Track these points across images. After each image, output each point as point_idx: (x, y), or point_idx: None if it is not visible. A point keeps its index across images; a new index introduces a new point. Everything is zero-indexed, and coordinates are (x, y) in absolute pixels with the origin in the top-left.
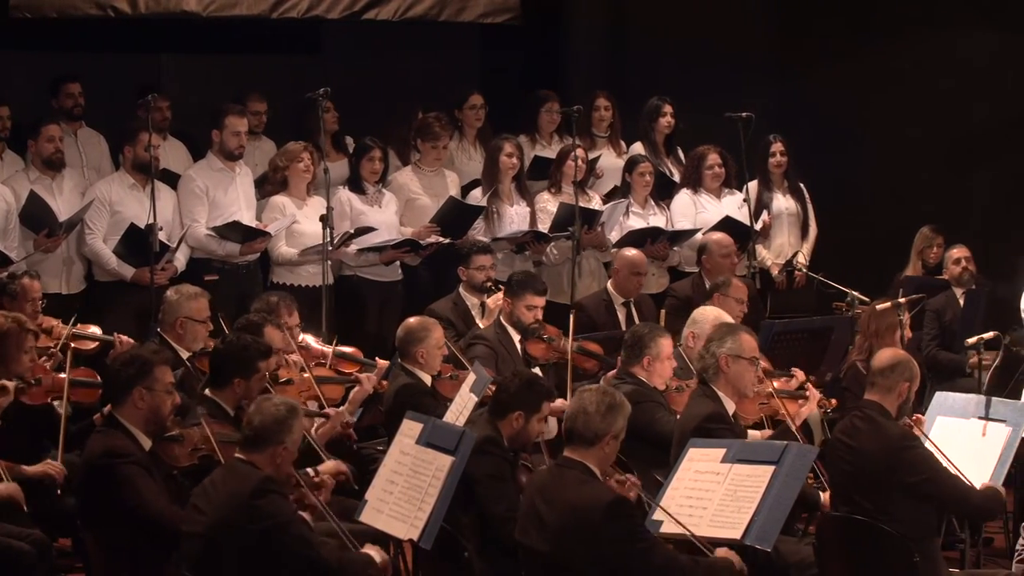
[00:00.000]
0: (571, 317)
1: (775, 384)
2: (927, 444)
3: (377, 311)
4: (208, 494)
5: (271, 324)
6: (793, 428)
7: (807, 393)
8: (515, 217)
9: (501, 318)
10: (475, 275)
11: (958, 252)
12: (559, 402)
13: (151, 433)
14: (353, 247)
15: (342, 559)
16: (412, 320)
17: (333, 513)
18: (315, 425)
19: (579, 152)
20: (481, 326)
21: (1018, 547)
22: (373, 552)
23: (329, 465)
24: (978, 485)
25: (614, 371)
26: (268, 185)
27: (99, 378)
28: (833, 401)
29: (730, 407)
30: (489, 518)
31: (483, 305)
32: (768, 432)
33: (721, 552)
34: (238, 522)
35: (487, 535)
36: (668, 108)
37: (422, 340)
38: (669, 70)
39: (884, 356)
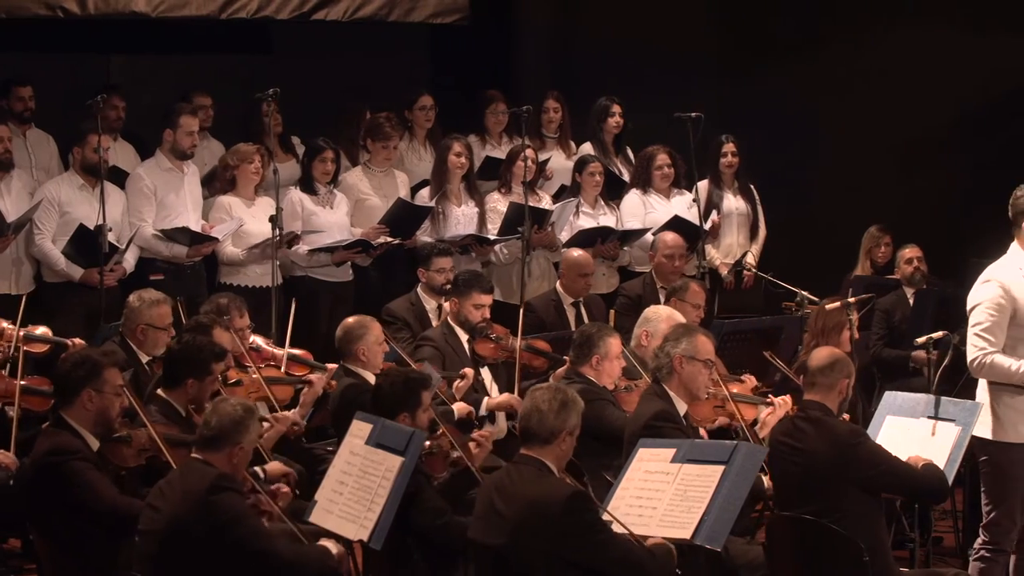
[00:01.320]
0: (520, 315)
1: (734, 389)
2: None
3: (329, 312)
4: (164, 493)
5: (219, 325)
6: (746, 431)
7: (768, 400)
8: (462, 218)
9: (448, 318)
10: (435, 277)
11: (910, 252)
12: (504, 397)
13: (99, 434)
14: (304, 248)
15: (298, 551)
16: (350, 319)
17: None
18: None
19: (529, 152)
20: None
21: (976, 546)
22: (329, 544)
23: (274, 465)
24: None
25: (563, 369)
26: (216, 184)
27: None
28: (796, 408)
29: (681, 407)
30: (423, 531)
31: (440, 307)
32: None
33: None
34: (194, 519)
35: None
36: (617, 108)
37: (361, 337)
38: (618, 70)
39: (821, 355)
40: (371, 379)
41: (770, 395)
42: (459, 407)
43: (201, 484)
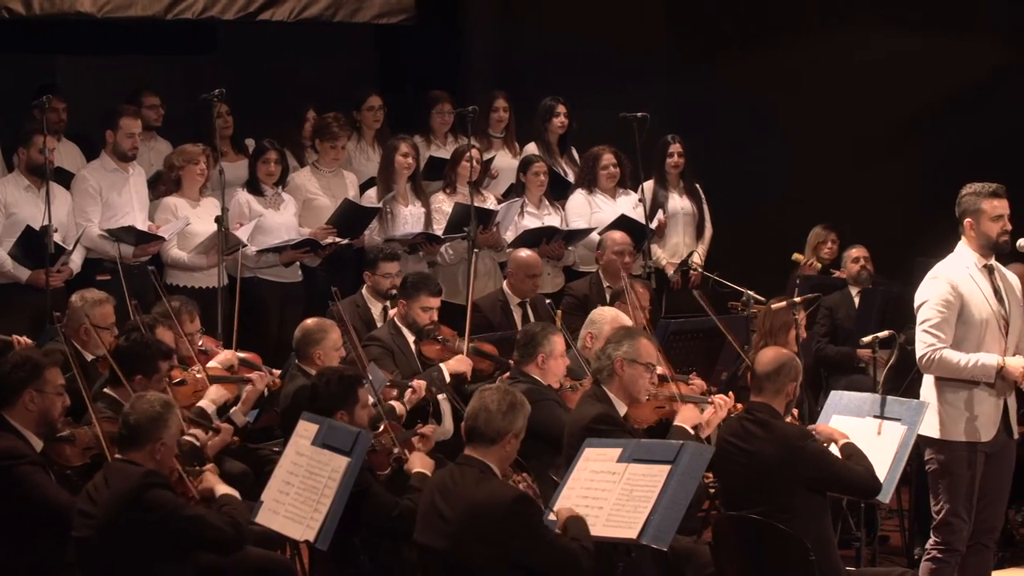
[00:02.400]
0: (467, 319)
1: (681, 389)
2: None
3: (278, 312)
4: (93, 498)
5: (162, 325)
6: (689, 430)
7: (710, 400)
8: (409, 218)
9: (396, 319)
10: (380, 281)
11: (857, 252)
12: (458, 360)
13: (42, 434)
14: (252, 248)
15: (240, 527)
16: (309, 321)
17: None
18: (207, 436)
19: (473, 153)
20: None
21: (928, 546)
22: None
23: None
24: None
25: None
26: (161, 185)
27: None
28: (739, 406)
29: (621, 409)
30: (379, 527)
31: (385, 310)
32: None
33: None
34: (129, 519)
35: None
36: (562, 108)
37: (319, 341)
38: (564, 70)
39: (767, 358)
40: None
41: (712, 395)
42: (397, 405)
43: (129, 484)
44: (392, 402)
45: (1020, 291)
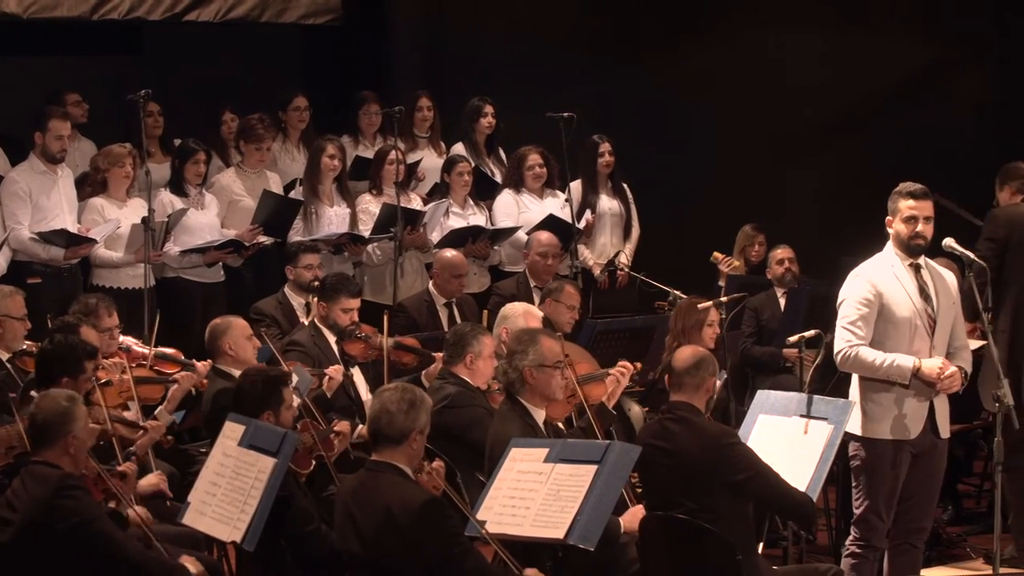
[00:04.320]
0: (385, 316)
1: (580, 371)
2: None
3: (201, 312)
4: (10, 503)
5: (87, 324)
6: (589, 412)
7: (610, 372)
8: (334, 218)
9: (316, 320)
10: (302, 274)
11: (782, 252)
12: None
13: None
14: (176, 249)
15: (148, 558)
16: (215, 320)
17: (155, 518)
18: (136, 436)
19: (396, 154)
20: (304, 324)
21: (847, 543)
22: (189, 564)
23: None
24: (802, 482)
25: (434, 367)
26: (88, 186)
27: None
28: (638, 364)
29: (539, 415)
30: (293, 536)
31: (308, 304)
32: None
33: (529, 572)
34: (44, 525)
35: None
36: (489, 109)
37: (225, 332)
38: (492, 70)
39: (685, 355)
40: None
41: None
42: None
43: (46, 489)
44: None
45: (955, 289)
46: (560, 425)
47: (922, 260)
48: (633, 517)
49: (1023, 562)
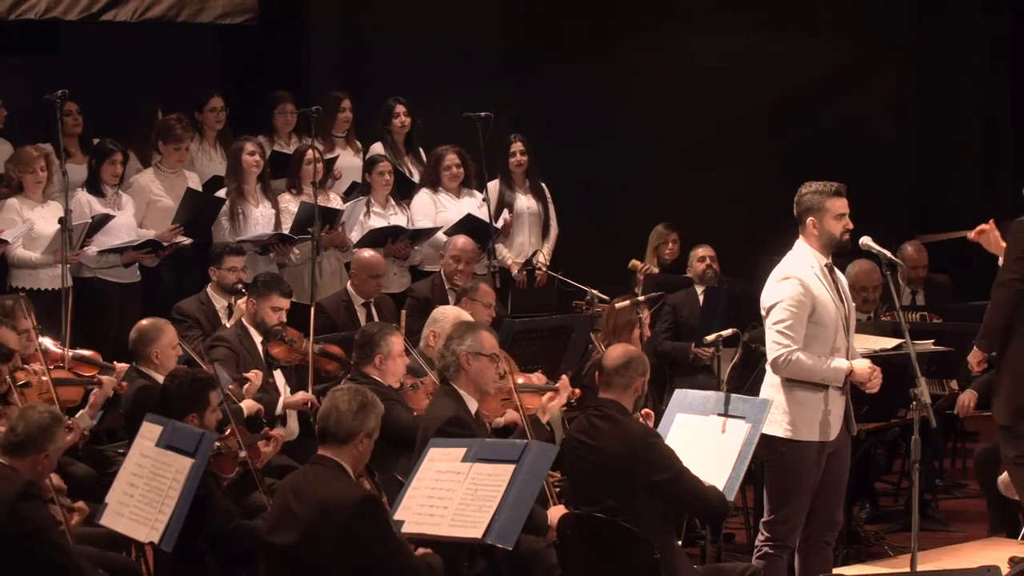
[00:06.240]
0: (311, 319)
1: (519, 379)
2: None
3: (117, 313)
4: None
5: (4, 326)
6: (526, 424)
7: (556, 385)
8: (260, 219)
9: (243, 319)
10: (226, 276)
11: (703, 251)
12: (300, 395)
13: None
14: (93, 249)
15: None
16: (144, 322)
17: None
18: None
19: (314, 154)
20: (228, 327)
21: (758, 543)
22: None
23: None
24: (719, 480)
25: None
26: (3, 187)
27: None
28: (577, 391)
29: (472, 405)
30: (213, 535)
31: (231, 306)
32: None
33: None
34: (1, 525)
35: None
36: (401, 108)
37: (155, 340)
38: (409, 69)
39: (615, 354)
40: (162, 381)
41: (563, 378)
42: (248, 404)
43: (9, 490)
44: (243, 404)
45: (847, 291)
46: (488, 424)
47: (829, 260)
48: (554, 517)
49: None
